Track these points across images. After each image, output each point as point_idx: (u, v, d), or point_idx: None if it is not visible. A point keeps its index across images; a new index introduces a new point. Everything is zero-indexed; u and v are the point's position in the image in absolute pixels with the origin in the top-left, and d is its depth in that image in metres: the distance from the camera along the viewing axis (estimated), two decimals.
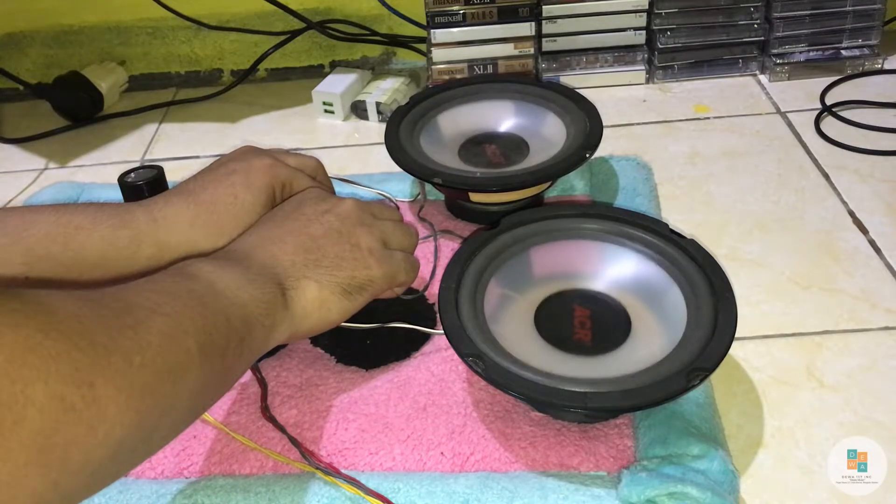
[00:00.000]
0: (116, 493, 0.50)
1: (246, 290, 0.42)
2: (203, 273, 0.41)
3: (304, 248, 0.47)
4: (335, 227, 0.49)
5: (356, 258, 0.49)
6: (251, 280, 0.43)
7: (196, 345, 0.36)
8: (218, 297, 0.40)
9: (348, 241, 0.49)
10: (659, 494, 0.45)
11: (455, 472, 0.50)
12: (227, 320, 0.39)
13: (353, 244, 0.49)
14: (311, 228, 0.49)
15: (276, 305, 0.44)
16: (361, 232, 0.50)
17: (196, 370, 0.36)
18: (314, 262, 0.47)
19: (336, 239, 0.49)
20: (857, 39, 0.92)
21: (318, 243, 0.48)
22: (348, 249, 0.49)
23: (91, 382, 0.30)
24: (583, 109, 0.71)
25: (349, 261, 0.48)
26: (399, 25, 1.02)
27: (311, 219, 0.49)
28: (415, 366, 0.58)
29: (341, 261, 0.48)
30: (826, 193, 0.74)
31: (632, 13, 0.92)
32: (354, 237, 0.49)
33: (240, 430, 0.54)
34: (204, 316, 0.38)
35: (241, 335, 0.40)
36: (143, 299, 0.36)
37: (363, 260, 0.49)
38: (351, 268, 0.48)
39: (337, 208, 0.51)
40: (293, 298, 0.45)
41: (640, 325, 0.54)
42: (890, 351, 0.57)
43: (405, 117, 0.73)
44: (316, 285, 0.47)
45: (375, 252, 0.50)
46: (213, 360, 0.38)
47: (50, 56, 1.05)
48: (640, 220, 0.59)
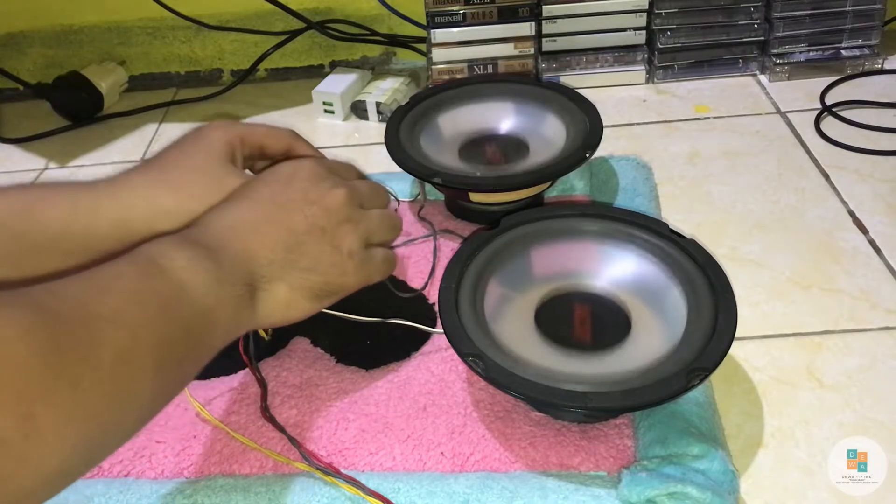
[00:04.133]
0: (116, 493, 0.50)
1: (214, 292, 0.40)
2: (175, 268, 0.39)
3: (285, 246, 0.44)
4: (320, 223, 0.46)
5: (334, 263, 0.46)
6: (221, 280, 0.40)
7: (153, 361, 0.34)
8: (184, 302, 0.38)
9: (330, 242, 0.46)
10: (659, 494, 0.45)
11: (455, 472, 0.50)
12: (188, 329, 0.38)
13: (334, 246, 0.46)
14: (294, 221, 0.45)
15: (243, 307, 0.42)
16: (346, 231, 0.47)
17: (149, 386, 0.35)
18: (291, 262, 0.44)
19: (318, 237, 0.46)
20: (857, 39, 0.92)
21: (298, 240, 0.45)
22: (328, 252, 0.46)
23: (32, 413, 0.28)
24: (583, 109, 0.71)
25: (326, 265, 0.46)
26: (399, 25, 1.02)
27: (296, 208, 0.46)
28: (415, 366, 0.58)
29: (319, 264, 0.46)
30: (826, 193, 0.74)
31: (632, 13, 0.92)
32: (338, 237, 0.47)
33: (240, 430, 0.54)
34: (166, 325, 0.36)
35: (201, 341, 0.39)
36: (104, 306, 0.34)
37: (341, 265, 0.47)
38: (327, 273, 0.46)
39: (326, 199, 0.47)
40: (261, 300, 0.43)
41: (640, 325, 0.54)
42: (890, 351, 0.57)
43: (405, 117, 0.73)
44: (287, 288, 0.44)
45: (355, 255, 0.47)
46: (169, 372, 0.36)
47: (50, 56, 1.05)
48: (640, 220, 0.59)
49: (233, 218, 0.44)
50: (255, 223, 0.44)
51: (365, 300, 0.63)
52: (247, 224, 0.44)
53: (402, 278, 0.66)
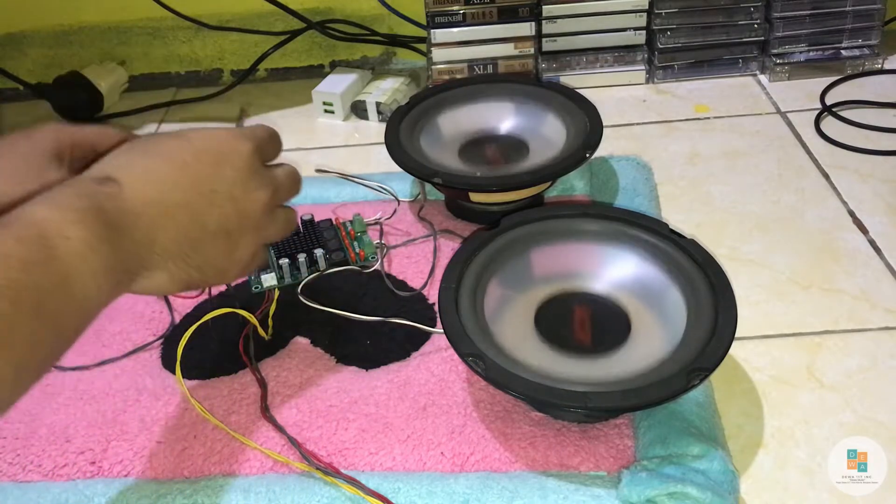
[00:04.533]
0: (117, 493, 0.50)
1: (97, 283, 0.37)
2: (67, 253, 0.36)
3: (188, 241, 0.42)
4: (229, 226, 0.43)
5: (222, 269, 0.44)
6: (110, 269, 0.38)
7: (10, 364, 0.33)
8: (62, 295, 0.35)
9: (228, 247, 0.44)
10: (659, 494, 0.45)
11: (455, 472, 0.50)
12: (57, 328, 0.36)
13: (230, 252, 0.44)
14: (208, 217, 0.42)
15: (117, 292, 0.39)
16: (248, 241, 0.45)
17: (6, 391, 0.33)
18: (184, 256, 0.42)
19: (221, 241, 0.43)
20: (857, 39, 0.92)
21: (202, 238, 0.42)
22: (221, 256, 0.44)
23: None
24: (583, 109, 0.71)
25: (214, 268, 0.44)
26: (399, 25, 1.02)
27: (217, 202, 0.43)
28: (415, 366, 0.58)
29: (208, 265, 0.43)
30: (826, 193, 0.74)
31: (632, 13, 0.92)
32: (238, 246, 0.44)
33: (240, 430, 0.54)
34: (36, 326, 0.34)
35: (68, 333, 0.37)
36: None
37: (226, 272, 0.45)
38: (208, 274, 0.44)
39: (247, 202, 0.44)
40: (138, 283, 0.41)
41: (640, 326, 0.54)
42: (890, 351, 0.57)
43: (405, 117, 0.73)
44: (167, 277, 0.42)
45: (242, 263, 0.45)
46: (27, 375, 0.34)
47: (50, 56, 1.05)
48: (640, 220, 0.59)
49: (155, 192, 0.40)
50: (172, 207, 0.41)
51: (365, 300, 0.63)
52: (163, 205, 0.41)
53: (401, 278, 0.66)
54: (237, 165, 0.43)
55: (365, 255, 0.67)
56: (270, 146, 0.47)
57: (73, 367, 0.60)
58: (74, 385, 0.59)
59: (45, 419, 0.56)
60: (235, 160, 0.43)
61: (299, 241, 0.67)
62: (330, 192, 0.77)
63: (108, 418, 0.56)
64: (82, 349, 0.61)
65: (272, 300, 0.62)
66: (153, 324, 0.64)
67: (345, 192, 0.76)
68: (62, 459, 0.53)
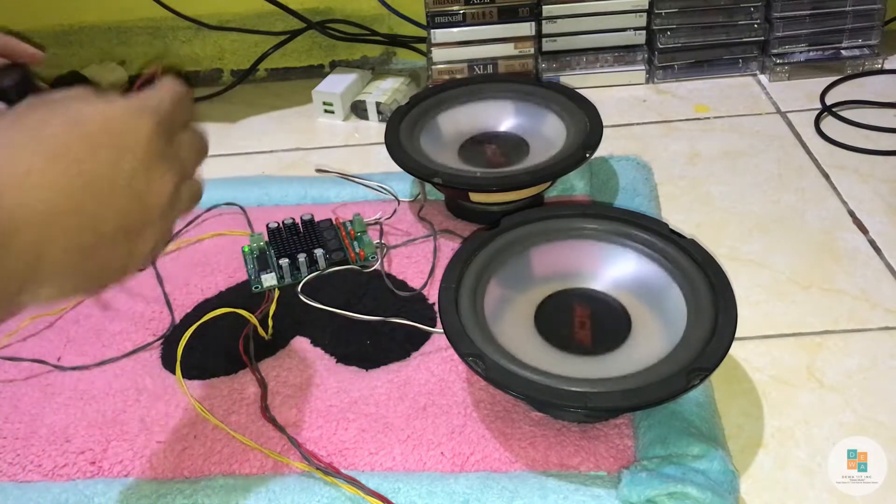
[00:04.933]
0: (117, 493, 0.50)
1: None
2: None
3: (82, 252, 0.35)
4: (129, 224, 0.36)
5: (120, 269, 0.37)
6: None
7: None
8: None
9: (126, 248, 0.37)
10: (659, 494, 0.45)
11: (455, 472, 0.50)
12: None
13: (129, 252, 0.37)
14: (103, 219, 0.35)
15: None
16: (150, 233, 0.38)
17: None
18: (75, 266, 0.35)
19: (120, 244, 0.36)
20: (857, 39, 0.92)
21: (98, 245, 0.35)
22: (121, 258, 0.37)
23: None
24: (583, 109, 0.71)
25: (112, 272, 0.37)
26: (399, 25, 1.02)
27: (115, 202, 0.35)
28: (415, 366, 0.58)
29: (105, 272, 0.37)
30: (826, 193, 0.74)
31: (632, 13, 0.92)
32: (139, 241, 0.37)
33: (240, 430, 0.54)
34: None
35: None
36: None
37: (125, 269, 0.38)
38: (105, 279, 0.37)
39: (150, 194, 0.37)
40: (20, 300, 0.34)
41: (640, 325, 0.54)
42: (890, 351, 0.57)
43: (405, 117, 0.73)
44: (56, 291, 0.35)
45: (140, 258, 0.38)
46: None
47: (50, 56, 1.05)
48: (640, 220, 0.59)
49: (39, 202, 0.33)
50: (60, 216, 0.33)
51: (365, 300, 0.63)
52: (49, 214, 0.33)
53: (401, 278, 0.66)
54: (137, 154, 0.36)
55: (365, 255, 0.67)
56: (177, 113, 0.39)
57: (73, 367, 0.60)
58: (74, 385, 0.59)
59: (45, 419, 0.56)
60: (135, 147, 0.36)
61: (299, 241, 0.67)
62: (330, 192, 0.77)
63: (108, 418, 0.56)
64: (82, 349, 0.61)
65: (272, 300, 0.63)
66: (153, 324, 0.64)
67: (345, 192, 0.76)
68: (62, 459, 0.53)
